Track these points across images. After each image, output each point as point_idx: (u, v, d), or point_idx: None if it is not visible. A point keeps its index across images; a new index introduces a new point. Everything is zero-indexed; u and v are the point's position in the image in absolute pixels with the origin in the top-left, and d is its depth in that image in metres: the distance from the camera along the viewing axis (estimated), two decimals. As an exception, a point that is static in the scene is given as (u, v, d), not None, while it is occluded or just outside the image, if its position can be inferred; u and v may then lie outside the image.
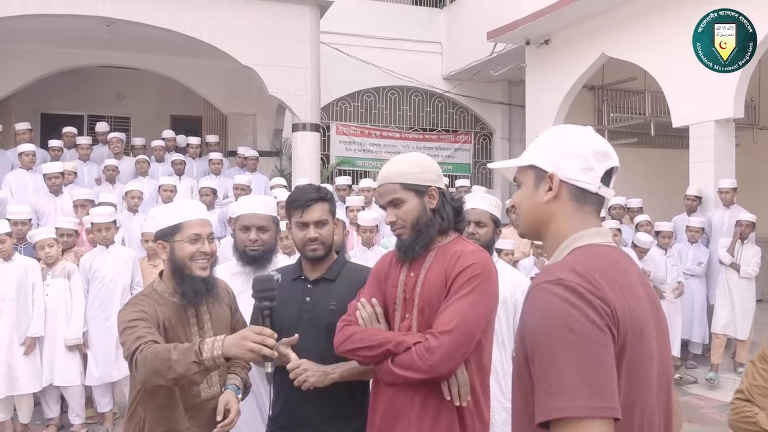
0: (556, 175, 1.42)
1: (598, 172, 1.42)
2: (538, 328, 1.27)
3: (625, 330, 1.26)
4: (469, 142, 13.44)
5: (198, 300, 2.42)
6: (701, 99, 7.79)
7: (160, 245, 2.42)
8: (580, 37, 9.51)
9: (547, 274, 1.33)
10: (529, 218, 1.50)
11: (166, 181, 7.39)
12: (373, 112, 13.00)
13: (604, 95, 11.03)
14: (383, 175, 2.21)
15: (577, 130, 1.49)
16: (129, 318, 2.24)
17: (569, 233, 1.43)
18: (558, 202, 1.44)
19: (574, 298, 1.24)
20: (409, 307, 2.18)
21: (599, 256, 1.37)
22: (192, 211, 2.44)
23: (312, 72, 9.52)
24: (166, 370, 2.05)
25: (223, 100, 11.91)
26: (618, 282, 1.31)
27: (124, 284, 5.51)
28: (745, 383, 2.20)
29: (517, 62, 10.83)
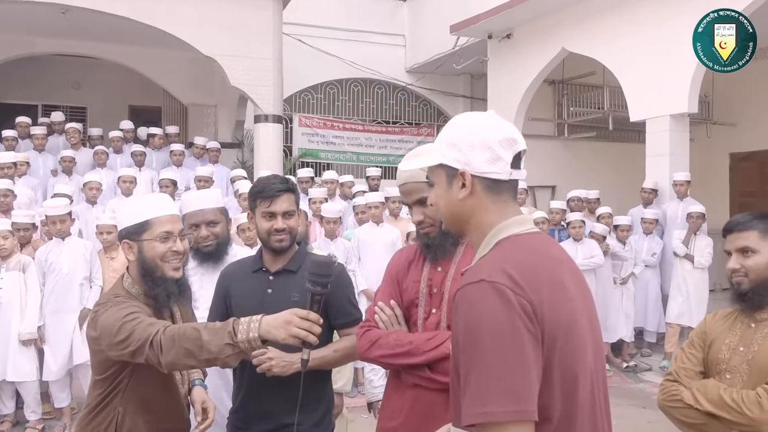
0: (467, 171, 1.42)
1: (506, 159, 1.42)
2: (463, 331, 1.30)
3: (553, 327, 1.29)
4: (431, 134, 13.50)
5: (171, 303, 2.29)
6: (657, 94, 7.99)
7: (126, 245, 2.21)
8: (541, 32, 9.64)
9: (472, 274, 1.34)
10: (449, 216, 1.50)
11: (125, 172, 7.27)
12: (336, 104, 12.97)
13: (564, 89, 11.21)
14: (406, 173, 2.12)
15: (479, 119, 1.47)
16: (123, 313, 2.05)
17: (491, 225, 1.44)
18: (473, 197, 1.44)
19: (497, 301, 1.26)
20: (436, 302, 2.14)
21: (523, 249, 1.38)
22: (161, 207, 2.23)
23: (275, 63, 9.45)
24: (198, 350, 1.89)
25: (183, 91, 11.74)
26: (543, 276, 1.33)
27: (81, 277, 5.40)
28: (674, 366, 2.30)
29: (480, 56, 10.92)
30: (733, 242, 2.20)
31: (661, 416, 2.36)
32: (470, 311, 1.29)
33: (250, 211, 2.64)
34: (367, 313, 2.30)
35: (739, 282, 2.18)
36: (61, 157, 8.06)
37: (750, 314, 2.20)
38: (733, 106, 10.81)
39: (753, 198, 11.16)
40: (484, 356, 1.25)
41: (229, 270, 2.75)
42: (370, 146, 13.02)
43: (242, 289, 2.63)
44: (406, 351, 2.07)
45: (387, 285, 2.28)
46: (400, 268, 2.28)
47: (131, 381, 2.19)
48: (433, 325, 2.12)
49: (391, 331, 2.16)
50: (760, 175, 11.06)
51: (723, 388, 2.10)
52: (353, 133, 12.89)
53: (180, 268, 2.24)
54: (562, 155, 10.99)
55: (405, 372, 2.12)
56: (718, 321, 2.32)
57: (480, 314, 1.27)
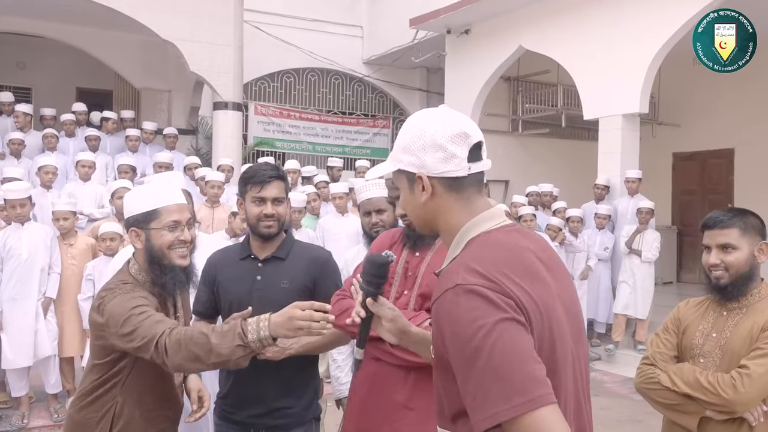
0: (424, 174, 1.41)
1: (461, 155, 1.39)
2: (450, 339, 1.28)
3: (533, 318, 1.29)
4: (387, 127, 13.61)
5: (178, 291, 2.31)
6: (610, 94, 8.28)
7: (133, 233, 2.21)
8: (499, 29, 9.83)
9: (447, 279, 1.33)
10: (418, 218, 1.50)
11: (84, 156, 7.07)
12: (292, 94, 12.90)
13: (519, 86, 11.47)
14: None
15: (427, 119, 1.44)
16: (132, 305, 2.07)
17: (459, 223, 1.43)
18: (435, 198, 1.42)
19: (475, 302, 1.25)
20: (409, 285, 2.25)
21: (494, 246, 1.38)
22: (169, 196, 2.24)
23: (235, 50, 9.35)
24: (207, 354, 1.93)
25: (136, 75, 11.44)
26: (517, 269, 1.33)
27: (42, 263, 5.25)
28: (650, 351, 2.46)
29: (438, 50, 11.05)
30: (714, 238, 2.32)
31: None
32: (453, 317, 1.28)
33: (239, 196, 2.67)
34: (345, 284, 2.39)
35: (719, 276, 2.31)
36: (9, 140, 7.77)
37: (722, 303, 2.36)
38: (678, 108, 11.30)
39: (693, 196, 11.72)
40: (476, 360, 1.23)
41: (215, 257, 2.77)
42: (327, 136, 13.01)
43: (230, 277, 2.65)
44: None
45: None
46: (383, 247, 2.37)
47: (133, 371, 2.20)
48: (402, 305, 2.22)
49: None
50: (700, 175, 11.62)
51: (698, 371, 2.26)
52: (309, 123, 12.86)
53: (187, 256, 2.26)
54: (515, 151, 11.25)
55: (369, 345, 2.21)
56: (691, 308, 2.48)
57: (463, 319, 1.26)
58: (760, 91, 9.88)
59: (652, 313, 7.82)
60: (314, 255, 2.71)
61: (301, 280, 2.60)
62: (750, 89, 9.93)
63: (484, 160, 1.45)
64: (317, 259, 2.67)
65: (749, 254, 2.29)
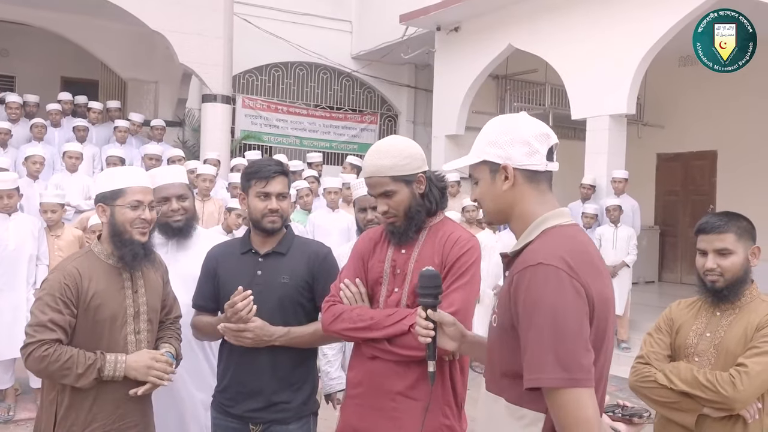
0: (509, 164, 1.59)
1: (542, 152, 1.60)
2: (522, 307, 1.46)
3: (595, 310, 1.47)
4: (374, 122, 13.59)
5: (136, 264, 2.43)
6: (598, 94, 8.35)
7: (100, 208, 2.42)
8: (489, 27, 9.86)
9: (528, 257, 1.51)
10: (494, 208, 1.66)
11: (71, 147, 6.99)
12: (280, 87, 12.83)
13: (507, 85, 11.52)
14: (372, 168, 2.25)
15: (515, 119, 1.65)
16: (50, 291, 2.29)
17: (534, 213, 1.60)
18: (516, 188, 1.61)
19: (555, 281, 1.43)
20: (399, 282, 2.27)
21: (570, 239, 1.55)
22: (135, 178, 2.45)
23: (225, 42, 9.28)
24: (61, 378, 2.25)
25: (123, 65, 11.31)
26: (589, 264, 1.51)
27: (29, 254, 5.19)
28: (645, 350, 2.51)
29: (427, 47, 11.06)
30: (710, 243, 2.37)
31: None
32: (530, 290, 1.46)
33: (242, 191, 2.68)
34: (332, 289, 2.40)
35: (714, 281, 2.36)
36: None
37: (715, 304, 2.42)
38: (663, 109, 11.42)
39: (676, 197, 11.88)
40: (541, 329, 1.41)
41: (216, 251, 2.77)
42: (314, 131, 12.97)
43: (231, 271, 2.65)
44: (367, 325, 2.20)
45: (353, 263, 2.40)
46: (366, 248, 2.40)
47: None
48: (394, 302, 2.25)
49: (354, 306, 2.29)
50: (683, 176, 11.76)
51: (695, 369, 2.31)
52: (297, 117, 12.81)
53: (146, 234, 2.45)
54: (502, 149, 11.26)
55: (365, 345, 2.25)
56: (683, 309, 2.53)
57: (539, 292, 1.44)
58: (743, 93, 10.02)
59: (634, 311, 7.93)
60: (314, 250, 2.72)
61: (301, 275, 2.61)
62: (734, 92, 10.07)
63: (555, 162, 1.64)
64: (317, 255, 2.68)
65: (744, 258, 2.34)
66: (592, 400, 1.41)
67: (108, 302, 2.36)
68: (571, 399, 1.39)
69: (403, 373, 2.19)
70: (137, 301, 2.46)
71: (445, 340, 1.85)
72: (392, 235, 2.31)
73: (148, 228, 2.44)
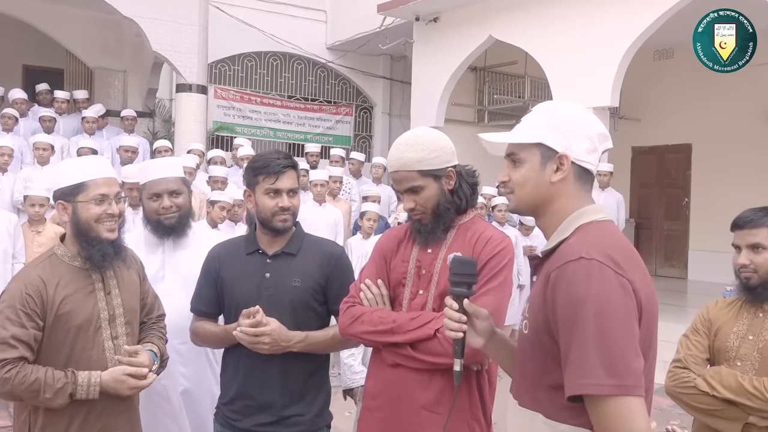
0: (569, 156, 1.45)
1: (599, 152, 1.49)
2: (563, 306, 1.31)
3: (643, 308, 1.33)
4: (350, 114, 13.38)
5: (106, 264, 2.22)
6: (581, 87, 8.28)
7: (60, 205, 2.19)
8: (468, 18, 9.72)
9: (567, 253, 1.36)
10: (530, 196, 1.50)
11: (41, 138, 6.64)
12: (253, 78, 12.51)
13: (486, 77, 11.42)
14: (398, 162, 2.09)
15: (581, 109, 1.52)
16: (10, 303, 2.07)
17: (570, 210, 1.47)
18: (565, 182, 1.46)
19: (600, 277, 1.29)
20: (423, 284, 2.12)
21: (611, 235, 1.42)
22: (97, 169, 2.21)
23: (200, 30, 8.97)
24: (29, 400, 2.05)
25: (89, 53, 10.87)
26: (633, 260, 1.37)
27: (4, 251, 4.89)
28: (681, 353, 2.39)
29: (405, 37, 10.88)
30: (743, 238, 2.28)
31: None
32: (571, 287, 1.31)
33: (247, 188, 2.48)
34: (352, 289, 2.25)
35: (749, 277, 2.27)
36: (-42, 119, 7.26)
37: (757, 304, 2.31)
38: (639, 103, 11.47)
39: (650, 189, 11.97)
40: (586, 330, 1.26)
41: (219, 251, 2.56)
42: (288, 122, 12.70)
43: (236, 273, 2.46)
44: (388, 329, 2.06)
45: (374, 262, 2.26)
46: (389, 247, 2.25)
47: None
48: (418, 305, 2.11)
49: (375, 308, 2.14)
50: (658, 169, 11.85)
51: (740, 375, 2.19)
52: (271, 109, 12.51)
53: (115, 230, 2.22)
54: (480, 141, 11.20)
55: (386, 350, 2.10)
56: (722, 309, 2.42)
57: (582, 289, 1.29)
58: (719, 87, 10.10)
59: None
60: (328, 250, 2.53)
61: (313, 277, 2.43)
62: (709, 85, 10.15)
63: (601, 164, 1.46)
64: (331, 255, 2.50)
65: None
66: (643, 410, 1.26)
67: (78, 308, 2.15)
68: (620, 409, 1.23)
69: (427, 383, 2.04)
70: (111, 303, 2.24)
71: (474, 336, 1.64)
72: (418, 233, 2.15)
73: (117, 223, 2.22)
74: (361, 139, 13.53)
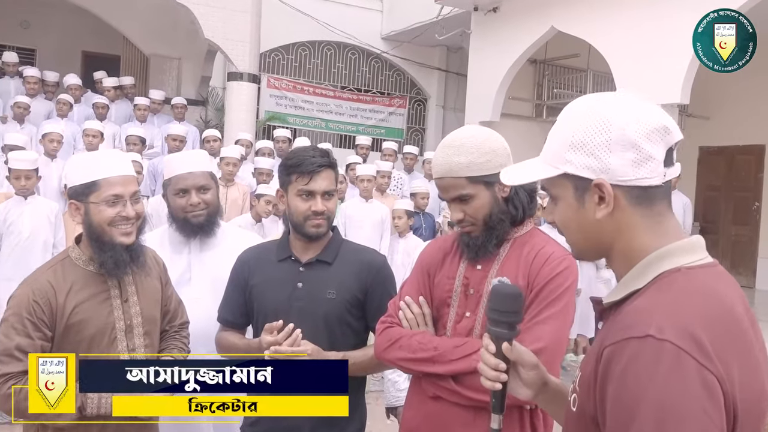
0: (605, 182, 1.06)
1: (658, 157, 1.05)
2: (614, 399, 0.98)
3: (742, 418, 0.97)
4: (403, 106, 13.12)
5: (119, 272, 2.02)
6: (650, 82, 7.81)
7: (73, 206, 2.02)
8: (530, 8, 9.32)
9: (633, 321, 0.99)
10: (583, 241, 1.15)
11: (91, 125, 6.59)
12: (306, 67, 12.39)
13: (545, 70, 10.98)
14: (444, 167, 1.81)
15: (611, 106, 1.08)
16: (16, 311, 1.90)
17: (646, 248, 1.08)
18: (617, 214, 1.08)
19: (673, 373, 0.93)
20: (471, 305, 1.85)
21: (700, 296, 1.03)
22: (111, 166, 1.99)
23: (253, 17, 8.83)
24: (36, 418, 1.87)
25: (145, 40, 10.93)
26: (733, 338, 1.00)
27: (44, 241, 4.82)
28: None
29: (462, 28, 10.55)
30: None
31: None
32: (629, 377, 0.95)
33: (280, 187, 2.26)
34: (390, 307, 1.99)
35: None
36: (14, 103, 7.30)
37: None
38: (708, 100, 10.82)
39: (717, 192, 11.33)
40: None
41: (248, 256, 2.34)
42: (340, 114, 12.53)
43: (267, 282, 2.23)
44: (429, 357, 1.81)
45: (416, 277, 1.99)
46: (434, 260, 1.98)
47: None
48: (464, 329, 1.85)
49: (416, 331, 1.89)
50: (726, 170, 11.20)
51: None
52: (323, 99, 12.37)
53: (132, 233, 2.02)
54: (538, 137, 10.75)
55: (426, 380, 1.85)
56: None
57: (644, 384, 0.93)
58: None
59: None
60: (367, 259, 2.28)
61: (350, 289, 2.18)
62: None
63: (675, 165, 1.08)
64: (371, 265, 2.25)
65: None
66: None
67: (92, 316, 1.96)
68: None
69: (472, 422, 1.77)
70: (128, 312, 2.04)
71: (518, 387, 1.29)
72: (467, 247, 1.88)
73: (134, 226, 2.02)
74: (414, 132, 13.26)
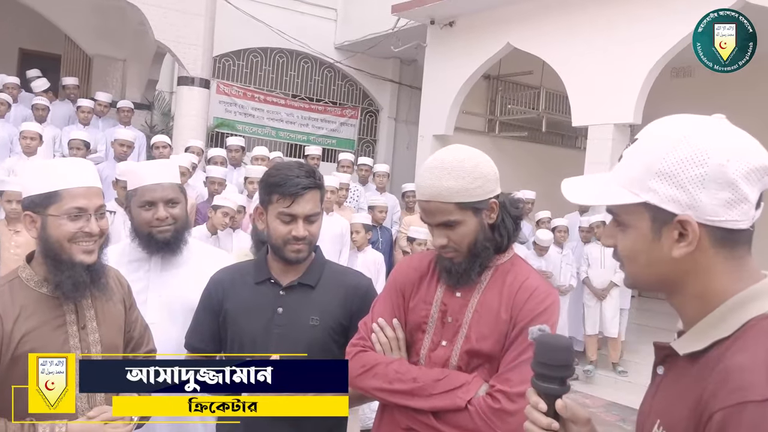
0: (692, 220, 0.97)
1: (752, 199, 0.96)
2: None
3: None
4: (355, 117, 13.00)
5: (78, 295, 1.79)
6: (603, 102, 7.94)
7: (28, 218, 1.77)
8: (486, 24, 9.36)
9: (743, 381, 0.89)
10: (647, 275, 1.05)
11: (29, 127, 6.17)
12: (258, 74, 12.11)
13: (498, 85, 11.05)
14: (431, 190, 1.66)
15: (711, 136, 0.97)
16: None
17: (725, 291, 0.99)
18: (698, 254, 0.99)
19: None
20: (448, 334, 1.72)
21: None
22: (75, 176, 1.77)
23: (207, 21, 8.52)
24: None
25: (88, 40, 10.42)
26: None
27: (-23, 252, 4.46)
28: None
29: (417, 41, 10.51)
30: None
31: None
32: None
33: (260, 204, 2.07)
34: (361, 328, 1.85)
35: None
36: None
37: None
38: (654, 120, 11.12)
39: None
40: None
41: (222, 277, 2.14)
42: (291, 122, 12.30)
43: (243, 306, 2.04)
44: (408, 389, 1.67)
45: (390, 298, 1.85)
46: (408, 281, 1.85)
47: None
48: (440, 358, 1.72)
49: (391, 359, 1.75)
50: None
51: None
52: (274, 107, 12.12)
53: (94, 252, 1.79)
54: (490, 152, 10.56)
55: (400, 411, 1.71)
56: None
57: None
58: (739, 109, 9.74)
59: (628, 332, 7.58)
60: (353, 283, 2.12)
61: (334, 315, 2.02)
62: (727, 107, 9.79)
63: (760, 208, 0.99)
64: (357, 289, 2.09)
65: None
66: None
67: (44, 346, 1.71)
68: None
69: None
70: (86, 340, 1.80)
71: None
72: (448, 273, 1.74)
73: (96, 244, 1.79)
74: (366, 143, 13.14)
